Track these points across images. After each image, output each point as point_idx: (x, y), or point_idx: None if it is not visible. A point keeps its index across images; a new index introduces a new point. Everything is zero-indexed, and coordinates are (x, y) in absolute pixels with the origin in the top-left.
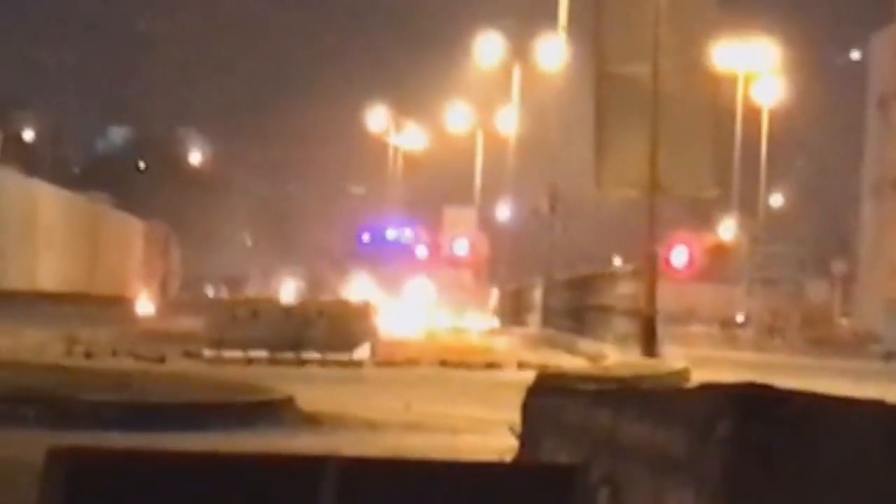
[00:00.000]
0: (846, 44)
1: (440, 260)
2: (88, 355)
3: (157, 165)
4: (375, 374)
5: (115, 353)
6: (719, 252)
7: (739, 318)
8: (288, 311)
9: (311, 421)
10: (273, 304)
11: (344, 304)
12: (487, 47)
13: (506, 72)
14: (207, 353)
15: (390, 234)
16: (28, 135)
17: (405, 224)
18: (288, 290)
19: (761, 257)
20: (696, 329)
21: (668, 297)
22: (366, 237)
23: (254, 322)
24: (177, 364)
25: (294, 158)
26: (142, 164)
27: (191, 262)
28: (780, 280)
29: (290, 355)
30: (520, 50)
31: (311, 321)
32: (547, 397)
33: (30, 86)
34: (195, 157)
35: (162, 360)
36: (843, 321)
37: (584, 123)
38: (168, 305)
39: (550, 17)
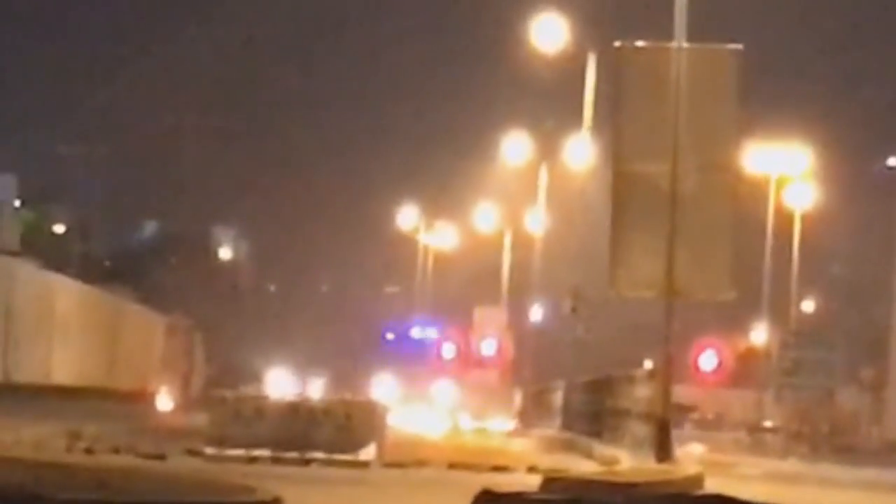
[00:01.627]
0: (884, 150)
1: (467, 360)
2: (89, 451)
3: (189, 261)
4: (380, 476)
5: (117, 450)
6: (751, 357)
7: (767, 423)
8: (293, 409)
9: None
10: (278, 401)
11: (351, 403)
12: (515, 147)
13: (533, 171)
14: (209, 450)
15: (415, 332)
16: (59, 228)
17: (432, 323)
18: (314, 389)
19: (791, 363)
20: (724, 434)
21: (696, 401)
22: (390, 336)
23: (258, 419)
24: (177, 462)
25: (329, 258)
26: (173, 260)
27: (220, 358)
28: (809, 386)
29: (294, 454)
30: (547, 149)
31: (316, 420)
32: None
33: (62, 179)
34: (226, 254)
35: (163, 457)
36: (874, 429)
37: (609, 223)
38: (188, 401)
39: (579, 116)
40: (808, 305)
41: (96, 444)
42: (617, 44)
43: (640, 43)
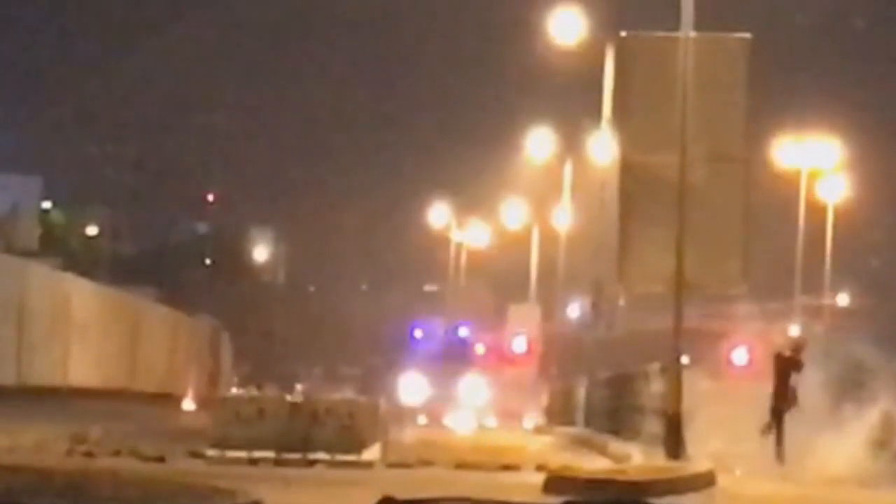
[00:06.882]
0: None
1: (499, 358)
2: (89, 455)
3: (225, 262)
4: (382, 476)
5: (117, 453)
6: None
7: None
8: (295, 409)
9: None
10: (279, 401)
11: (354, 403)
12: (539, 141)
13: (558, 166)
14: (211, 452)
15: (442, 330)
16: (92, 230)
17: (464, 321)
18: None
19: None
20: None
21: (726, 397)
22: (418, 333)
23: (259, 420)
24: (176, 464)
25: (367, 258)
26: (208, 260)
27: (251, 359)
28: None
29: (297, 456)
30: (571, 143)
31: (318, 419)
32: None
33: (94, 180)
34: (262, 255)
35: (162, 459)
36: None
37: None
38: (214, 403)
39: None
40: (842, 299)
41: (98, 448)
42: (623, 34)
43: (647, 33)
